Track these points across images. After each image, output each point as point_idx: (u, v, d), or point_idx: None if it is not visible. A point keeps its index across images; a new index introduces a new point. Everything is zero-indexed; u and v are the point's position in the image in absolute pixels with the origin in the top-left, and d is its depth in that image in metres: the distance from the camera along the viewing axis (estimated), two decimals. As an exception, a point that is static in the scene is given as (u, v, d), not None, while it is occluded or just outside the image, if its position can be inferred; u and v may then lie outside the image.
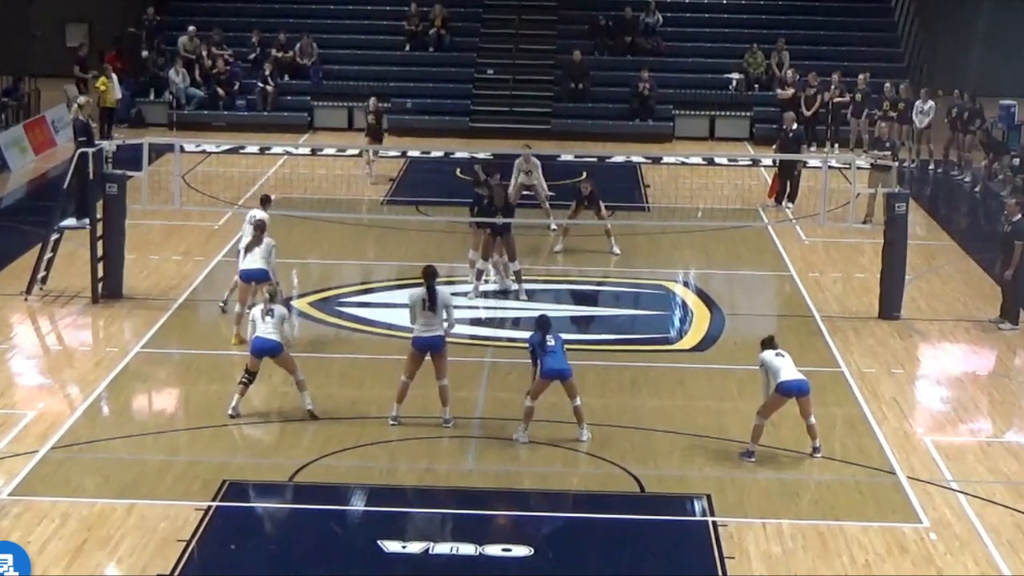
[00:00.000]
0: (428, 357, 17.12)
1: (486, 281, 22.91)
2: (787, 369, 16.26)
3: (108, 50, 37.95)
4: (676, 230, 27.00)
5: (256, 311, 17.39)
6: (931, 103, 34.01)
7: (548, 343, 16.65)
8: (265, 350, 17.19)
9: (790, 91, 35.58)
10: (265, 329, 17.15)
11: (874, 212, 26.70)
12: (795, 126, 30.22)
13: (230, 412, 17.23)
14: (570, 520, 15.15)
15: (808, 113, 34.70)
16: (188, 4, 41.71)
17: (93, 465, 15.89)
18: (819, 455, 16.43)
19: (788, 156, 28.87)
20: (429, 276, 17.10)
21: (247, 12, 41.17)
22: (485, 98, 38.74)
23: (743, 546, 14.24)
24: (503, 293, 22.60)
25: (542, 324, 16.89)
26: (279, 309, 17.40)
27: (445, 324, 17.09)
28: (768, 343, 16.63)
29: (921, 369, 20.19)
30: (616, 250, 25.11)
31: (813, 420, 16.44)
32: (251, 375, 17.31)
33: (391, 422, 17.16)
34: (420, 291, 17.07)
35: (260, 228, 20.16)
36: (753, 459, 16.27)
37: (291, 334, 17.71)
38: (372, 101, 32.08)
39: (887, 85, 34.82)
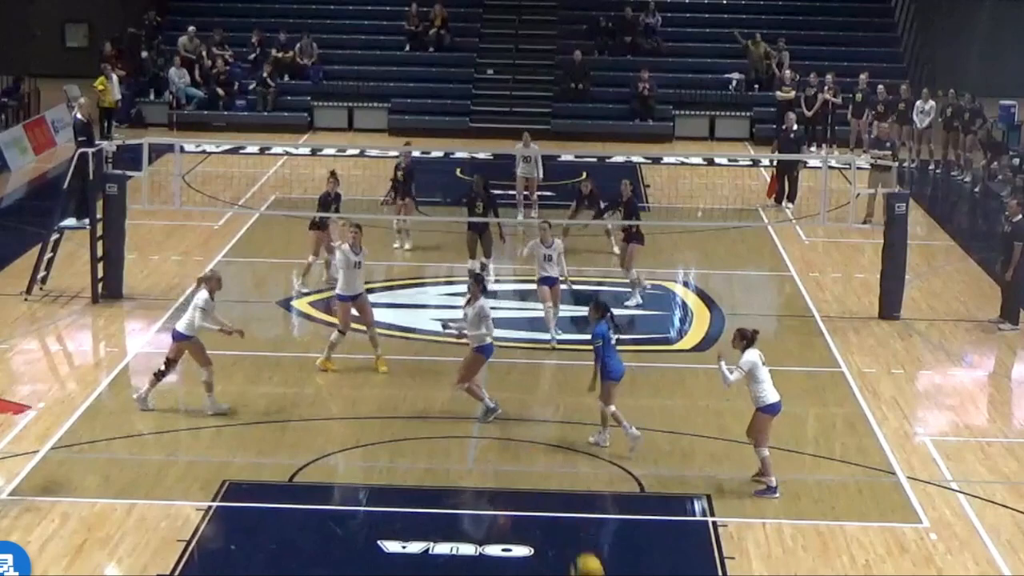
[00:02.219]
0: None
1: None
2: (771, 386, 15.42)
3: (108, 51, 37.90)
4: (676, 230, 26.99)
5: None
6: (931, 103, 34.01)
7: (611, 338, 16.37)
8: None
9: (791, 92, 35.58)
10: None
11: (874, 212, 26.72)
12: (796, 127, 30.28)
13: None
14: (570, 520, 15.15)
15: (808, 113, 34.71)
16: (188, 4, 41.73)
17: (93, 465, 15.90)
18: (776, 495, 15.37)
19: (788, 156, 28.89)
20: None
21: (247, 12, 41.18)
22: (485, 98, 38.76)
23: (743, 546, 14.24)
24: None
25: (605, 309, 16.50)
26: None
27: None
28: (752, 340, 15.49)
29: (921, 369, 20.18)
30: (616, 250, 25.10)
31: (767, 452, 15.53)
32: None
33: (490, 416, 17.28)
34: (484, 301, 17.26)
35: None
36: (778, 495, 15.36)
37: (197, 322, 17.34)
38: (404, 155, 26.02)
39: (880, 87, 34.77)
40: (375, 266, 24.69)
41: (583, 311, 22.58)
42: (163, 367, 17.45)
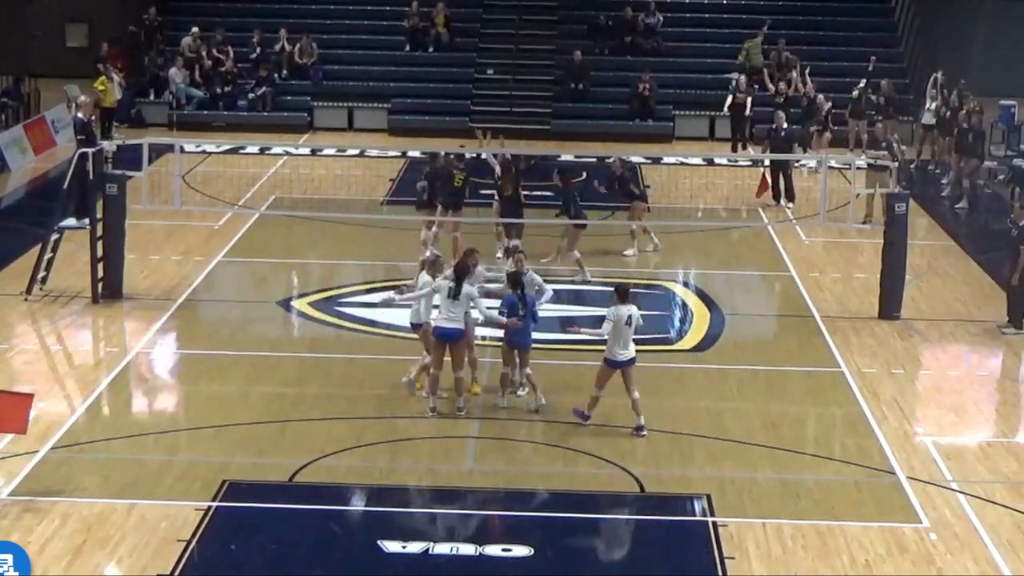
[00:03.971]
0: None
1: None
2: (622, 348, 16.72)
3: (108, 51, 37.87)
4: (676, 230, 26.98)
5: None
6: (934, 102, 34.01)
7: (520, 311, 17.25)
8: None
9: (745, 98, 35.63)
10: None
11: (874, 212, 26.73)
12: (786, 125, 30.35)
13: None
14: (570, 520, 15.14)
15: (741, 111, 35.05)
16: (189, 4, 41.71)
17: (93, 465, 15.90)
18: (643, 433, 16.79)
19: (781, 156, 28.94)
20: (463, 270, 17.41)
21: (248, 12, 41.15)
22: (485, 98, 38.73)
23: (743, 546, 14.24)
24: None
25: (516, 282, 17.43)
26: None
27: (475, 314, 17.47)
28: (622, 297, 16.87)
29: (921, 369, 20.18)
30: (630, 252, 25.17)
31: (637, 395, 16.85)
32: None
33: (430, 413, 17.37)
34: (447, 281, 17.34)
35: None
36: (588, 424, 16.93)
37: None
38: (443, 157, 24.68)
39: (857, 86, 34.85)
40: (375, 266, 24.75)
41: (583, 311, 22.75)
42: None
